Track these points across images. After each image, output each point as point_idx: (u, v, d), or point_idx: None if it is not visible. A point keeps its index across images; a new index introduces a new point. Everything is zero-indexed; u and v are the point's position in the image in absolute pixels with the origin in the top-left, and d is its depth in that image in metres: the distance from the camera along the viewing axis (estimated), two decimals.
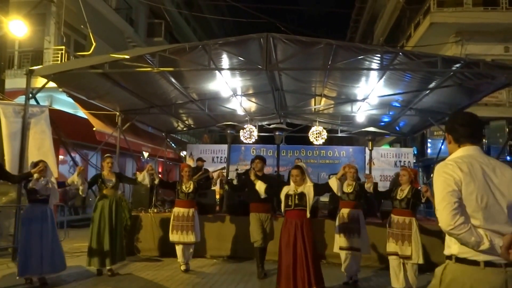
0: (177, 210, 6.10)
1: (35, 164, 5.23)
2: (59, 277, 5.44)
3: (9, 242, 7.23)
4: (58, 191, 5.50)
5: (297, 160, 9.99)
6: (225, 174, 6.44)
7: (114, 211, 5.75)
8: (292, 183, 4.68)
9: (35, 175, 5.09)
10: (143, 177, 5.90)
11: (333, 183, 4.70)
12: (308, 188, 4.58)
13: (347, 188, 5.62)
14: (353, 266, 5.53)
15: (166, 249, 7.04)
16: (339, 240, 5.54)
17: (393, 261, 5.04)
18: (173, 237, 6.03)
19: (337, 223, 5.66)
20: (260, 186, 5.11)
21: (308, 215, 4.51)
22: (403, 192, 5.08)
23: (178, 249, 6.08)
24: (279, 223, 6.66)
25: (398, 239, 4.95)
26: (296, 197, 4.56)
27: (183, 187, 6.13)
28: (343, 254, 5.53)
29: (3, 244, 7.32)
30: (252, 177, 5.28)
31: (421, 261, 4.87)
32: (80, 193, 5.92)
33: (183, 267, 6.05)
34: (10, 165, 6.90)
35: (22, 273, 5.02)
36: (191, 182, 6.17)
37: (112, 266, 5.69)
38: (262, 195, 5.12)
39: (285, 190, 4.68)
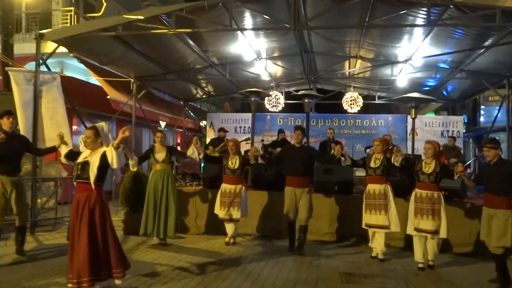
0: (224, 186, 6.45)
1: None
2: None
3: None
4: None
5: (329, 130, 9.97)
6: (258, 148, 6.68)
7: (166, 185, 6.32)
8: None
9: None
10: (193, 151, 6.28)
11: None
12: (96, 156, 4.00)
13: (374, 163, 5.88)
14: (380, 243, 5.86)
15: (187, 225, 7.35)
16: (366, 218, 5.89)
17: (420, 237, 5.42)
18: (220, 213, 6.43)
19: (364, 199, 5.97)
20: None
21: (93, 187, 3.94)
22: (429, 166, 5.38)
23: (227, 226, 6.54)
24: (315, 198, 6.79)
25: (427, 214, 5.29)
26: (79, 166, 4.02)
27: (229, 163, 6.44)
28: (370, 231, 5.96)
29: None
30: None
31: (446, 236, 5.36)
32: (131, 168, 6.49)
33: (227, 239, 6.57)
34: (24, 135, 7.21)
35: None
36: (237, 157, 6.46)
37: (164, 237, 6.39)
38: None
39: (79, 156, 4.17)
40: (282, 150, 6.95)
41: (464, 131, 13.56)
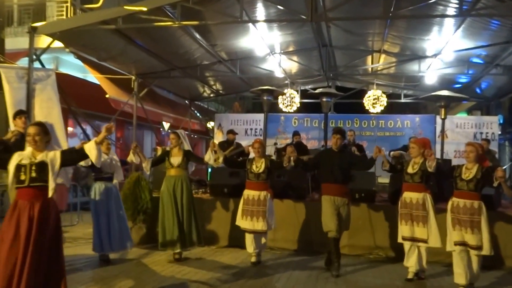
0: (247, 193, 6.26)
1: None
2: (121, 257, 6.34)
3: None
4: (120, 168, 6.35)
5: (349, 132, 9.88)
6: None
7: (180, 192, 6.27)
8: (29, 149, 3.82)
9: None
10: (209, 157, 6.23)
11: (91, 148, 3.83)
12: (53, 155, 3.78)
13: (412, 168, 5.63)
14: (419, 260, 5.57)
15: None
16: (402, 229, 5.63)
17: (461, 252, 5.09)
18: (243, 223, 6.22)
19: (399, 209, 5.72)
20: None
21: (50, 193, 3.72)
22: (470, 171, 5.13)
23: (248, 237, 6.27)
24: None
25: (466, 226, 5.03)
26: (34, 167, 3.69)
27: (253, 166, 6.22)
28: (406, 246, 5.62)
29: None
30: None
31: (492, 253, 5.03)
32: (145, 170, 6.55)
33: (253, 259, 6.27)
34: None
35: (97, 250, 6.03)
36: (262, 160, 6.24)
37: (183, 250, 6.32)
38: None
39: (15, 158, 3.75)
40: (319, 154, 6.81)
41: (500, 133, 13.36)
